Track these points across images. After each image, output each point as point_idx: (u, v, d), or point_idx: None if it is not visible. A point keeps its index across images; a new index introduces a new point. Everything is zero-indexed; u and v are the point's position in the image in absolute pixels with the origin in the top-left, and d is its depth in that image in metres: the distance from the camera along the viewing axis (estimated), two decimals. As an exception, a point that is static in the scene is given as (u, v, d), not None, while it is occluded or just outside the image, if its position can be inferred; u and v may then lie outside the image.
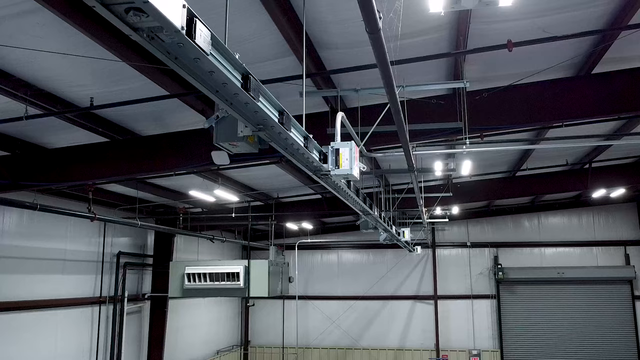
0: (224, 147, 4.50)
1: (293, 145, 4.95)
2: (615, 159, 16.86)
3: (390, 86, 4.49)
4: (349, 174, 5.69)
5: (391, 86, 4.48)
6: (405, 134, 5.97)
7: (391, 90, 4.56)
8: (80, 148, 10.54)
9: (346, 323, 26.90)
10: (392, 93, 4.62)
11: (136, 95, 8.52)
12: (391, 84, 4.45)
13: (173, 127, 10.55)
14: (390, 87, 4.49)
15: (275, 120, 4.21)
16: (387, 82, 4.45)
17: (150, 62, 7.11)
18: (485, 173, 17.39)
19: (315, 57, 8.08)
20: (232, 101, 3.73)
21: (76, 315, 15.75)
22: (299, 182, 16.25)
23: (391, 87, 4.50)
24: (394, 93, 4.66)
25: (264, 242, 25.50)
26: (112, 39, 6.71)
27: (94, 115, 9.87)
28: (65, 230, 15.52)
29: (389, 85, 4.49)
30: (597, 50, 8.50)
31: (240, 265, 15.37)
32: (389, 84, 4.47)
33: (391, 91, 4.57)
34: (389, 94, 4.70)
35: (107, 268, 17.19)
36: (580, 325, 25.05)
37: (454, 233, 27.05)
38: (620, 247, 25.57)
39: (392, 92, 4.60)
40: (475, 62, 8.92)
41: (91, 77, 8.10)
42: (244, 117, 4.04)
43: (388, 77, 4.41)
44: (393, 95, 4.72)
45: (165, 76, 8.06)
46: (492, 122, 9.34)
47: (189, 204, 18.40)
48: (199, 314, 23.22)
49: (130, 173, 10.42)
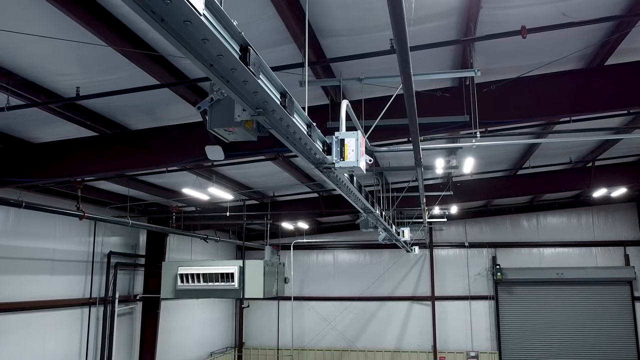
0: (219, 133, 4.04)
1: (295, 133, 4.48)
2: (619, 157, 16.49)
3: (406, 59, 4.01)
4: (355, 166, 5.24)
5: (406, 58, 4.01)
6: (416, 125, 5.53)
7: (406, 65, 4.08)
8: (68, 142, 10.05)
9: (342, 324, 26.49)
10: (407, 70, 4.15)
11: (125, 86, 8.04)
12: (407, 56, 3.98)
13: (165, 120, 10.08)
14: (406, 59, 4.01)
15: (277, 102, 3.75)
16: (403, 55, 3.97)
17: (136, 47, 6.64)
18: (486, 171, 16.99)
19: (315, 45, 7.63)
20: (228, 78, 3.27)
21: (65, 317, 15.25)
22: (296, 180, 15.80)
23: (406, 59, 4.03)
24: (409, 71, 4.19)
25: (259, 242, 25.05)
26: (97, 22, 6.25)
27: (82, 108, 9.38)
28: (54, 230, 15.01)
29: (405, 57, 4.00)
30: (612, 40, 8.08)
31: (234, 265, 14.94)
32: (405, 54, 3.98)
33: (406, 65, 4.09)
34: (404, 73, 4.23)
35: (97, 268, 16.68)
36: (579, 327, 24.69)
37: (452, 233, 26.66)
38: (619, 248, 25.24)
39: (407, 66, 4.12)
40: (481, 53, 8.49)
41: (77, 66, 7.62)
42: (241, 98, 3.58)
43: (404, 52, 3.94)
44: (408, 77, 4.25)
45: (155, 64, 7.60)
46: (499, 116, 8.92)
47: (183, 203, 17.92)
48: (192, 315, 22.74)
49: (120, 169, 9.93)
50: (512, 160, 16.09)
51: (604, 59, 8.76)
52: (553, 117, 9.27)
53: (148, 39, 7.07)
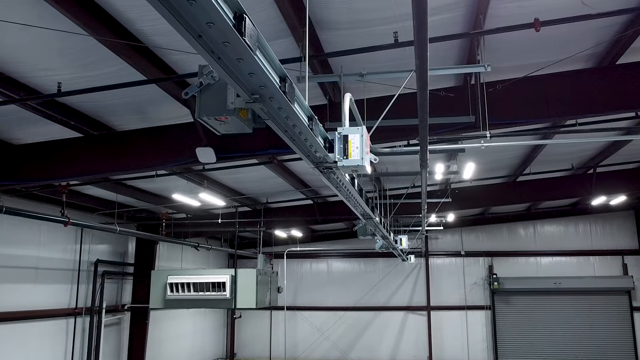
0: (209, 124, 3.55)
1: (295, 127, 4.00)
2: (620, 163, 16.13)
3: (423, 43, 3.55)
4: (360, 165, 4.77)
5: (424, 43, 3.54)
6: (426, 120, 5.08)
7: (423, 51, 3.62)
8: (50, 144, 9.52)
9: (336, 334, 25.95)
10: (423, 56, 3.68)
11: (111, 82, 7.54)
12: (425, 39, 3.52)
13: (155, 121, 9.57)
14: (423, 44, 3.55)
15: (277, 87, 3.26)
16: (421, 39, 3.51)
17: (121, 38, 6.16)
18: (486, 178, 16.55)
19: (314, 39, 7.17)
20: (220, 54, 2.78)
21: (49, 328, 14.63)
22: (290, 186, 15.31)
23: (424, 45, 3.57)
24: (425, 57, 3.72)
25: (251, 251, 24.51)
26: (80, 10, 5.76)
27: (66, 107, 8.87)
28: (39, 237, 14.43)
29: (422, 43, 3.54)
30: (625, 37, 7.67)
31: (226, 274, 14.42)
32: (423, 39, 3.52)
33: (423, 52, 3.63)
34: (420, 58, 3.76)
35: (83, 277, 16.08)
36: (577, 337, 24.26)
37: (448, 241, 26.23)
38: (618, 257, 24.89)
39: (424, 53, 3.66)
40: (486, 51, 8.06)
41: (59, 59, 7.12)
42: (235, 80, 3.09)
43: (423, 36, 3.48)
44: (424, 62, 3.78)
45: (143, 59, 7.11)
46: (506, 117, 8.48)
47: (173, 209, 17.37)
48: (182, 326, 22.13)
49: (105, 172, 9.39)
50: (513, 166, 15.68)
51: (616, 57, 8.36)
52: (562, 118, 8.84)
53: (134, 30, 6.59)
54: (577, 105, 8.54)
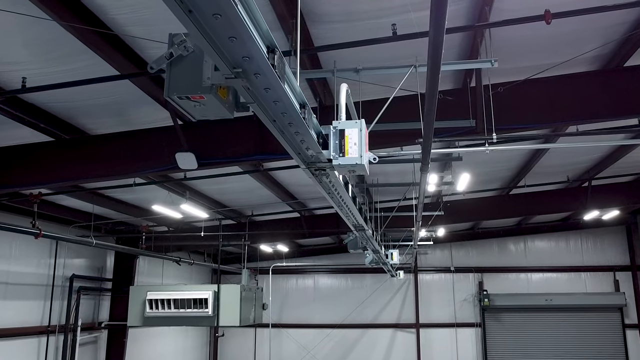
0: (181, 105, 2.91)
1: (285, 115, 3.38)
2: (615, 176, 15.71)
3: (439, 27, 2.98)
4: (358, 164, 4.17)
5: (440, 27, 2.97)
6: (432, 121, 4.52)
7: (438, 37, 3.04)
8: (16, 149, 8.80)
9: (323, 352, 25.17)
10: (437, 43, 3.10)
11: (81, 78, 6.89)
12: (442, 24, 2.95)
13: (132, 124, 8.91)
14: (439, 29, 2.98)
15: (264, 57, 2.64)
16: (437, 23, 2.93)
17: (90, 25, 5.53)
18: (478, 190, 16.03)
19: (304, 33, 6.59)
20: (191, 5, 2.17)
21: (19, 347, 13.75)
22: (276, 198, 14.67)
23: (440, 30, 2.99)
24: (440, 44, 3.15)
25: (235, 266, 23.73)
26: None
27: (34, 108, 8.18)
28: (10, 250, 13.61)
29: (438, 26, 2.97)
30: (634, 37, 7.20)
31: (208, 290, 13.71)
32: (439, 24, 2.95)
33: (438, 37, 3.05)
34: (433, 45, 3.18)
35: (58, 293, 15.24)
36: (569, 356, 23.72)
37: (437, 257, 25.66)
38: (609, 273, 24.49)
39: (438, 40, 3.08)
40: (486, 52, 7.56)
41: (24, 52, 6.46)
42: (212, 46, 2.48)
43: (440, 22, 2.90)
44: (437, 52, 3.20)
45: (117, 52, 6.49)
46: (508, 121, 7.95)
47: (153, 222, 16.61)
48: (163, 345, 21.22)
49: (75, 178, 8.67)
50: (507, 178, 15.19)
51: (624, 59, 7.90)
52: (567, 122, 8.34)
53: (107, 19, 5.97)
54: (583, 110, 8.04)
